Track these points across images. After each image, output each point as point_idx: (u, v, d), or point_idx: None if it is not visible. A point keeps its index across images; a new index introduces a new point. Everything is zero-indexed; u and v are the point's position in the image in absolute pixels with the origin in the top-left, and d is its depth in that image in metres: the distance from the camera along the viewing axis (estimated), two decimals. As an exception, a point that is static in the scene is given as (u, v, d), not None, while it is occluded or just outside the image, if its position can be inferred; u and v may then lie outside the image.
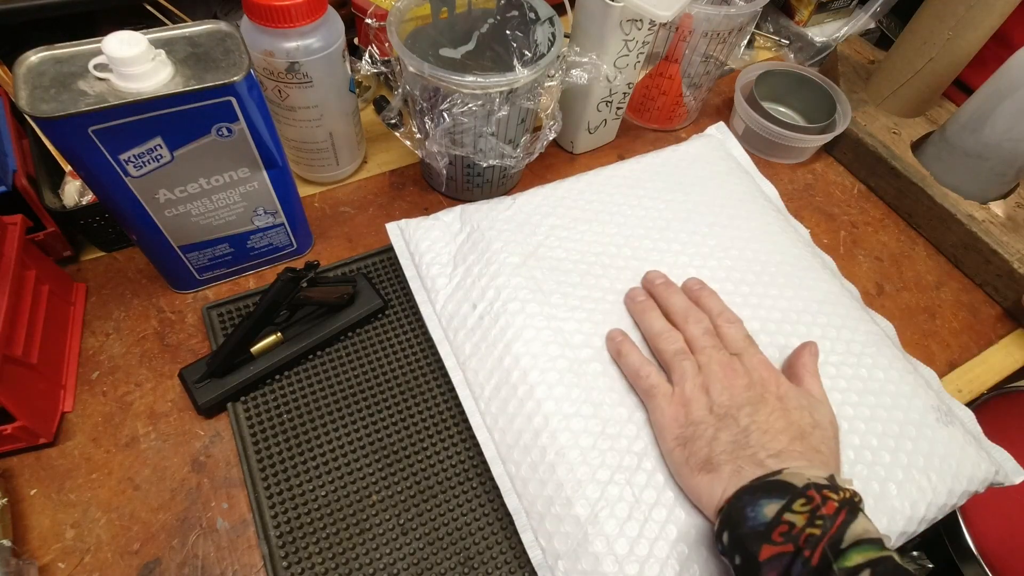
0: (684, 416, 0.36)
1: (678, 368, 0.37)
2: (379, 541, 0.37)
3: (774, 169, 0.63)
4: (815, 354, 0.40)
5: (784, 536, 0.28)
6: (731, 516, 0.30)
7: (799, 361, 0.39)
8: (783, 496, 0.29)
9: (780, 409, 0.35)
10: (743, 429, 0.34)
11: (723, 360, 0.37)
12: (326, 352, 0.44)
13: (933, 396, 0.41)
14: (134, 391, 0.42)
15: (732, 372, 0.36)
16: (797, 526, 0.28)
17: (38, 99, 0.31)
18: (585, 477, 0.36)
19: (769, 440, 0.33)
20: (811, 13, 0.74)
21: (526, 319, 0.41)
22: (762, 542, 0.28)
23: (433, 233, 0.47)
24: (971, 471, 0.39)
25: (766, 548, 0.28)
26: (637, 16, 0.48)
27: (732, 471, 0.32)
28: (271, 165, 0.41)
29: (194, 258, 0.44)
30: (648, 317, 0.41)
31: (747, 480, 0.31)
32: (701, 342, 0.38)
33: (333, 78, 0.46)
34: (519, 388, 0.39)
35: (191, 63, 0.34)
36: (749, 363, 0.37)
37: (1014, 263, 0.53)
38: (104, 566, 0.36)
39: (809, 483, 0.29)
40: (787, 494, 0.29)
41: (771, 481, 0.30)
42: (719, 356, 0.37)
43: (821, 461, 0.33)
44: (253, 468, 0.39)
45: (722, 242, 0.47)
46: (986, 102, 0.53)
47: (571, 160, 0.61)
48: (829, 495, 0.29)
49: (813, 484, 0.29)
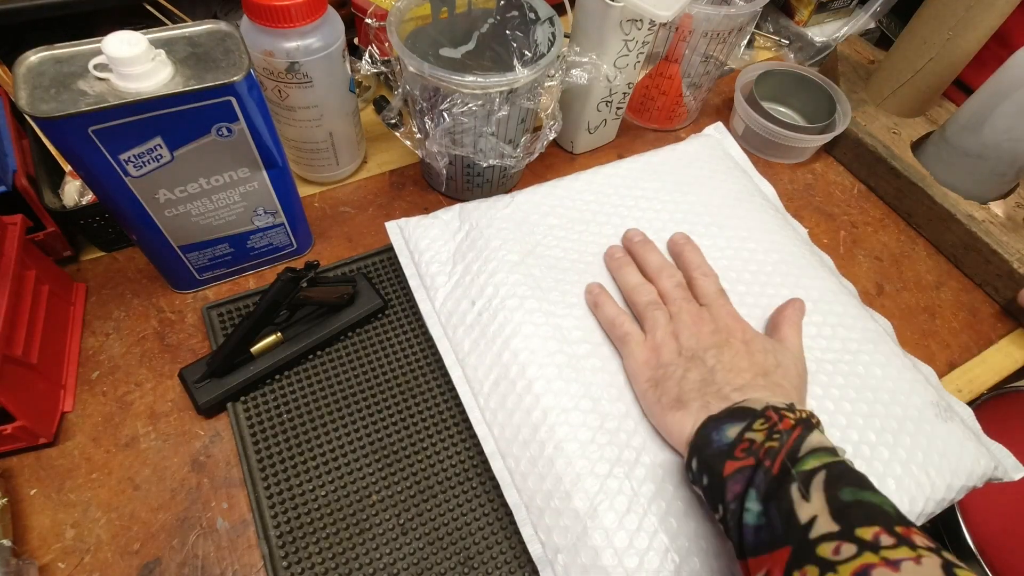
0: (655, 360, 0.38)
1: (650, 317, 0.40)
2: (379, 541, 0.37)
3: (774, 169, 0.63)
4: (800, 309, 0.42)
5: (745, 452, 0.30)
6: (697, 444, 0.33)
7: (782, 314, 0.42)
8: (744, 419, 0.32)
9: (745, 352, 0.37)
10: (710, 369, 0.36)
11: (692, 310, 0.40)
12: (326, 352, 0.44)
13: (932, 392, 0.41)
14: (134, 391, 0.42)
15: (700, 320, 0.39)
16: (757, 442, 0.30)
17: (38, 99, 0.31)
18: (584, 471, 0.36)
19: (733, 377, 0.35)
20: (811, 13, 0.74)
21: (524, 315, 0.41)
22: (725, 459, 0.31)
23: (432, 231, 0.47)
24: (970, 466, 0.39)
25: (729, 464, 0.30)
26: (637, 16, 0.48)
27: (700, 406, 0.35)
28: (271, 165, 0.41)
29: (194, 258, 0.44)
30: (624, 272, 0.43)
31: (713, 412, 0.34)
32: (673, 294, 0.41)
33: (333, 78, 0.46)
34: (518, 383, 0.39)
35: (191, 63, 0.34)
36: (717, 313, 0.40)
37: (1014, 263, 0.53)
38: (104, 566, 0.36)
39: (767, 406, 0.32)
40: (747, 417, 0.32)
41: (733, 409, 0.33)
42: (688, 307, 0.40)
43: (783, 393, 0.35)
44: (253, 468, 0.39)
45: (719, 241, 0.47)
46: (986, 102, 0.53)
47: (571, 160, 0.61)
48: (786, 414, 0.31)
49: (771, 406, 0.32)
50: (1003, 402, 0.51)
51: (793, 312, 0.42)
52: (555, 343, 0.40)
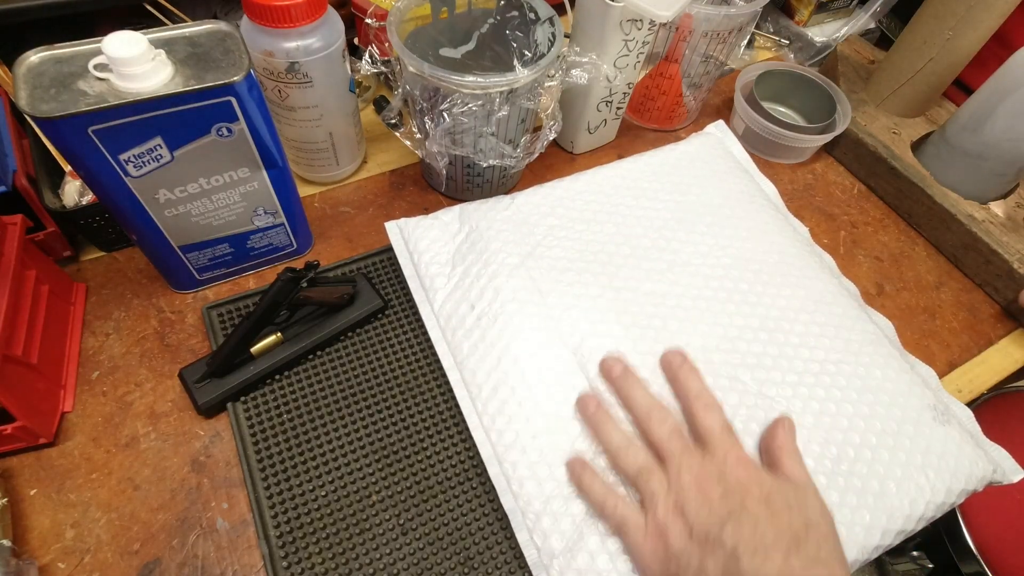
0: (663, 550, 0.32)
1: (645, 490, 0.34)
2: (379, 541, 0.37)
3: (774, 169, 0.63)
4: (791, 430, 0.37)
5: None
6: None
7: (775, 442, 0.36)
8: None
9: (767, 515, 0.31)
10: (731, 553, 0.30)
11: (694, 467, 0.33)
12: (326, 352, 0.44)
13: (930, 395, 0.41)
14: (134, 391, 0.42)
15: (706, 480, 0.33)
16: None
17: (38, 99, 0.31)
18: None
19: (762, 563, 0.30)
20: (811, 13, 0.74)
21: (524, 320, 0.41)
22: None
23: (432, 233, 0.47)
24: (969, 469, 0.39)
25: None
26: (637, 16, 0.48)
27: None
28: (271, 165, 0.41)
29: (194, 258, 0.44)
30: (604, 431, 0.36)
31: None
32: (668, 447, 0.34)
33: (333, 78, 0.46)
34: (517, 390, 0.39)
35: (191, 63, 0.34)
36: (725, 464, 0.33)
37: (1014, 263, 0.53)
38: (104, 566, 0.36)
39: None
40: None
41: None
42: (689, 462, 0.33)
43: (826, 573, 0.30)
44: (253, 468, 0.39)
45: (720, 240, 0.47)
46: (986, 102, 0.53)
47: (571, 160, 0.61)
48: None
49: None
50: (1003, 402, 0.52)
51: (786, 438, 0.36)
52: (555, 349, 0.40)
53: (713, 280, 0.45)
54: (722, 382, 0.40)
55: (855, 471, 0.37)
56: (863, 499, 0.36)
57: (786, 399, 0.39)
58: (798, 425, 0.38)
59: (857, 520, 0.36)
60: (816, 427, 0.38)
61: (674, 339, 0.41)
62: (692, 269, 0.45)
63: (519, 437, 0.38)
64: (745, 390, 0.40)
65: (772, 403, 0.39)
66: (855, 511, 0.36)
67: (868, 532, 0.36)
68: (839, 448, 0.38)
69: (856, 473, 0.37)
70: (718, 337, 0.42)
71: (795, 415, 0.39)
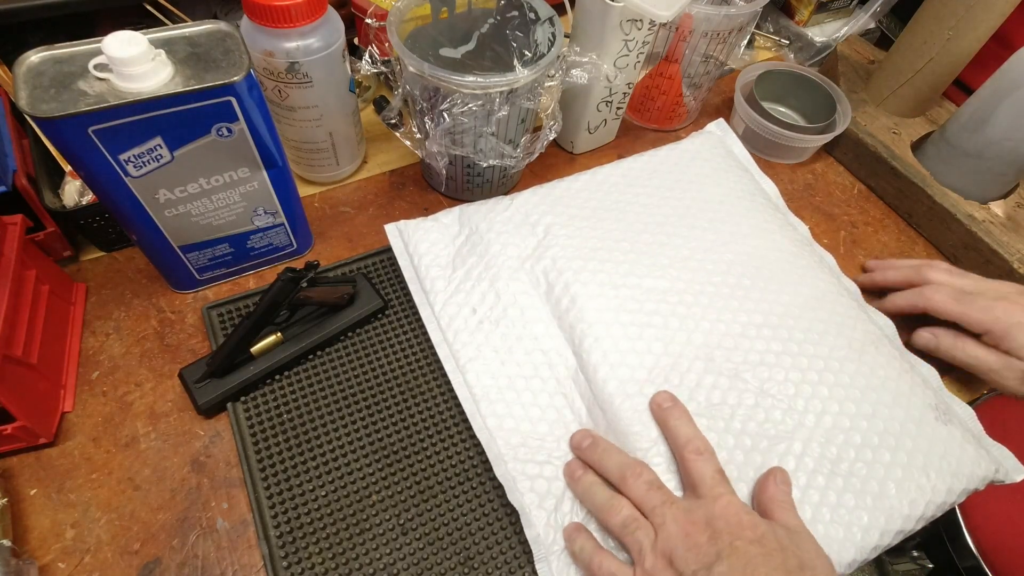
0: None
1: (631, 542, 0.33)
2: (379, 541, 0.37)
3: (774, 169, 0.63)
4: (784, 482, 0.36)
5: None
6: None
7: (766, 495, 0.35)
8: None
9: (760, 554, 0.31)
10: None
11: (678, 515, 0.33)
12: (326, 352, 0.44)
13: (931, 395, 0.41)
14: (134, 391, 0.42)
15: (691, 525, 0.32)
16: None
17: (38, 99, 0.31)
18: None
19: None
20: (811, 13, 0.74)
21: (526, 325, 0.42)
22: None
23: (432, 235, 0.47)
24: (970, 469, 0.39)
25: None
26: (637, 16, 0.48)
27: None
28: (271, 165, 0.41)
29: (194, 258, 0.44)
30: (589, 494, 0.36)
31: None
32: (646, 501, 0.34)
33: (333, 78, 0.46)
34: (522, 395, 0.40)
35: (191, 63, 0.34)
36: (713, 507, 0.33)
37: (1014, 263, 0.53)
38: (104, 566, 0.36)
39: None
40: None
41: None
42: (672, 511, 0.33)
43: None
44: (253, 468, 0.39)
45: (722, 236, 0.47)
46: (986, 102, 0.53)
47: (571, 160, 0.61)
48: None
49: None
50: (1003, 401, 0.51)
51: (778, 490, 0.35)
52: (557, 355, 0.41)
53: (715, 276, 0.45)
54: (723, 380, 0.40)
55: (855, 471, 0.37)
56: (862, 499, 0.36)
57: (788, 398, 0.39)
58: (799, 425, 0.38)
59: (855, 520, 0.36)
60: (817, 427, 0.38)
61: (676, 336, 0.41)
62: (694, 265, 0.45)
63: (527, 440, 0.39)
64: (746, 388, 0.40)
65: (774, 402, 0.39)
66: (853, 511, 0.36)
67: (866, 532, 0.36)
68: (839, 448, 0.38)
69: (856, 473, 0.37)
70: (720, 334, 0.42)
71: (796, 414, 0.39)
